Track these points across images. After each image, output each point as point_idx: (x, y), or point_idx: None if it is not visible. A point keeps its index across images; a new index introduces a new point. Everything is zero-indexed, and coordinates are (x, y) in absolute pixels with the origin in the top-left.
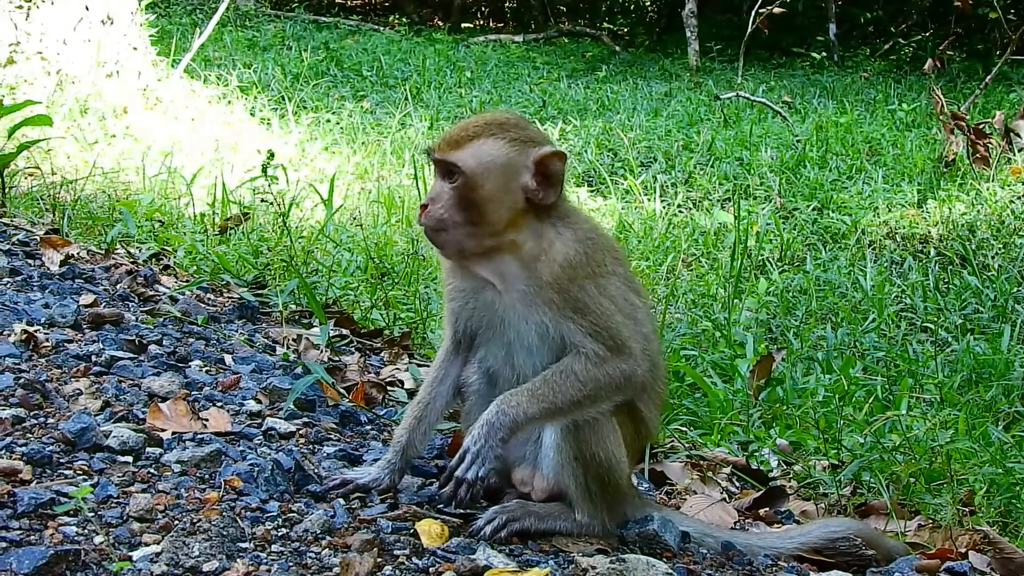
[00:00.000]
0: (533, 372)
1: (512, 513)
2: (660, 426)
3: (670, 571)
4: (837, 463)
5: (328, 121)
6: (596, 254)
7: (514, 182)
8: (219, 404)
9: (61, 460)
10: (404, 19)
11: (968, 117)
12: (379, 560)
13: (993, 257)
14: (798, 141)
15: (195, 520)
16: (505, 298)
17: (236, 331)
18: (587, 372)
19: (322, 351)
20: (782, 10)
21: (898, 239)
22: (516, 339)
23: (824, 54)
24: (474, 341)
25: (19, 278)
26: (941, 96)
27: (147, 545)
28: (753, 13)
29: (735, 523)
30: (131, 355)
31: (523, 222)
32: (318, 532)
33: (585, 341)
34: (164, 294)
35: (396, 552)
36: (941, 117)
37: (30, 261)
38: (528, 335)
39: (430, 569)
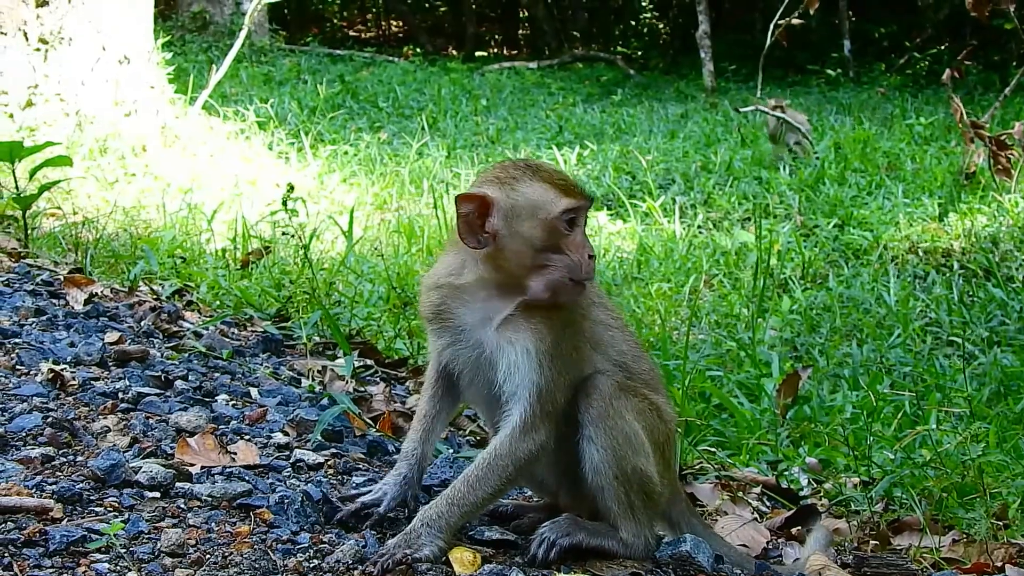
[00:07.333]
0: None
1: (563, 528)
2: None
3: None
4: (868, 480)
5: (346, 153)
6: None
7: None
8: (247, 437)
9: (91, 497)
10: (418, 49)
11: (987, 127)
12: None
13: (1017, 269)
14: (817, 158)
15: (227, 554)
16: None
17: (261, 364)
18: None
19: (347, 382)
20: (801, 21)
21: (920, 253)
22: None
23: (839, 70)
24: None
25: (44, 318)
26: (960, 104)
27: None
28: (772, 25)
29: (767, 543)
30: (158, 391)
31: None
32: (350, 562)
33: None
34: (188, 330)
35: None
36: (960, 126)
37: (54, 301)
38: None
39: None
